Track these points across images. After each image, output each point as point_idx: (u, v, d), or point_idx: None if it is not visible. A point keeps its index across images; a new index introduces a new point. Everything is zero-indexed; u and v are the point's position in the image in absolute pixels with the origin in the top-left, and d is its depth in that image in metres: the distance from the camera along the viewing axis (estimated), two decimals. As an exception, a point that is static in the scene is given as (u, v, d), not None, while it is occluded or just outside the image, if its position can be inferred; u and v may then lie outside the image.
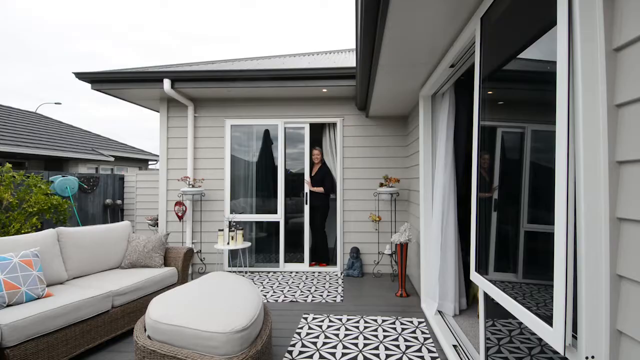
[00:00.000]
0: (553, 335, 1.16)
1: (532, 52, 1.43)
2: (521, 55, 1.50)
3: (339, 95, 5.05)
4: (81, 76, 4.69)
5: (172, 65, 5.52)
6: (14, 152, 8.58)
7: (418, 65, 2.95)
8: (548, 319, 1.20)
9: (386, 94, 3.87)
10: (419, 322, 3.22)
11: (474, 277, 1.93)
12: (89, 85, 4.77)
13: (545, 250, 1.24)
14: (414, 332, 3.03)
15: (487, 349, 1.98)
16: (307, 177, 5.22)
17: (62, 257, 3.10)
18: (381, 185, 4.74)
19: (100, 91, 4.82)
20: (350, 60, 5.39)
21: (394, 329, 3.09)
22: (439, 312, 3.27)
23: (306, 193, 5.20)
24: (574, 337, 1.11)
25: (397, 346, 2.76)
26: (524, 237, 1.51)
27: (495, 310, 1.90)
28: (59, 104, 18.88)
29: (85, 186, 6.64)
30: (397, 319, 3.31)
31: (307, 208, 5.18)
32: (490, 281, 1.71)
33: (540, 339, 1.34)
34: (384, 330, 3.05)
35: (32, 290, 2.52)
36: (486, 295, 1.92)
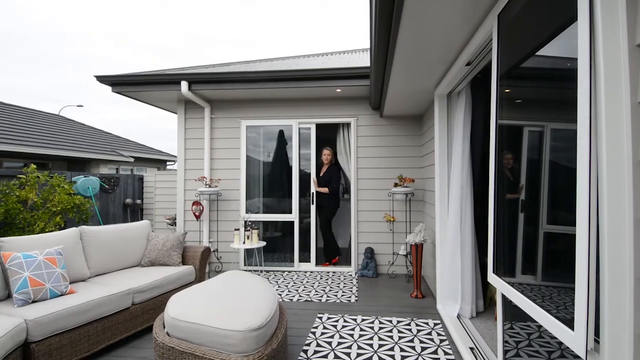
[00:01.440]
0: (574, 339, 1.13)
1: (552, 49, 1.40)
2: (540, 52, 1.47)
3: (353, 95, 5.04)
4: (102, 79, 4.84)
5: (188, 68, 5.62)
6: (38, 154, 8.91)
7: (433, 63, 2.92)
8: (569, 322, 1.17)
9: (401, 93, 3.84)
10: (435, 324, 3.18)
11: (492, 278, 1.90)
12: (109, 88, 4.91)
13: (566, 252, 1.21)
14: (429, 333, 3.00)
15: (505, 352, 1.94)
16: (313, 177, 5.23)
17: (84, 255, 3.20)
18: (395, 185, 4.71)
19: (121, 94, 4.96)
20: (364, 60, 5.37)
21: (409, 330, 3.07)
22: (455, 314, 3.22)
23: (312, 193, 5.21)
24: (596, 341, 1.08)
25: (413, 347, 2.74)
26: (543, 238, 1.48)
27: (513, 313, 1.86)
28: (81, 106, 19.45)
29: (106, 186, 6.83)
30: (412, 320, 3.28)
31: (312, 208, 5.20)
32: (508, 283, 1.68)
33: (560, 343, 1.31)
34: (399, 332, 3.03)
35: (56, 287, 2.61)
36: (504, 298, 1.89)
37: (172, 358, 2.01)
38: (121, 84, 4.87)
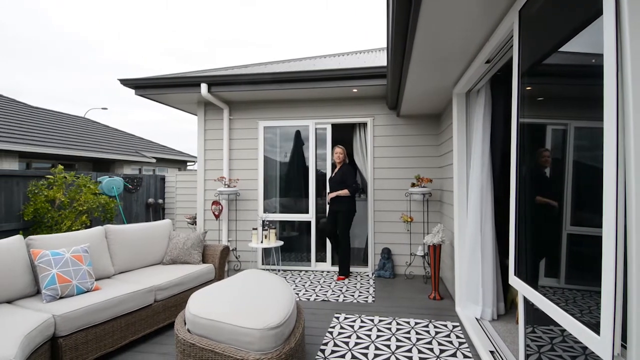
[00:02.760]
0: (600, 344, 1.10)
1: (575, 45, 1.35)
2: (563, 49, 1.43)
3: (370, 95, 5.02)
4: (126, 83, 5.00)
5: (208, 70, 5.73)
6: (65, 155, 9.29)
7: (452, 61, 2.87)
8: (594, 327, 1.13)
9: (418, 92, 3.80)
10: (454, 326, 3.14)
11: (513, 281, 1.86)
12: (131, 91, 5.06)
13: (592, 254, 1.17)
14: (448, 335, 2.95)
15: (527, 356, 1.90)
16: (328, 189, 4.93)
17: (109, 253, 3.31)
18: (413, 185, 4.66)
19: (144, 96, 5.11)
20: (380, 60, 5.33)
21: (427, 332, 3.03)
22: (475, 316, 3.16)
23: (328, 193, 5.14)
24: (623, 346, 1.05)
25: (431, 350, 2.71)
26: (567, 240, 1.44)
27: (535, 316, 1.82)
28: (105, 109, 20.17)
29: (129, 186, 7.04)
30: (430, 321, 3.24)
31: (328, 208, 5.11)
32: (530, 286, 1.64)
33: (585, 348, 1.27)
34: (417, 333, 3.00)
35: (82, 283, 2.70)
36: (526, 300, 1.84)
37: (193, 354, 2.06)
38: (144, 86, 5.02)
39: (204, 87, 4.76)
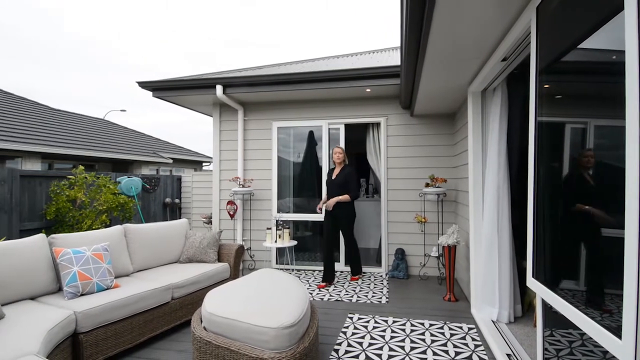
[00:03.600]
0: (622, 349, 1.07)
1: (595, 42, 1.32)
2: (582, 45, 1.40)
3: (383, 95, 4.99)
4: (144, 85, 5.12)
5: (223, 72, 5.81)
6: (85, 156, 9.58)
7: (467, 60, 2.83)
8: (615, 331, 1.11)
9: (432, 91, 3.76)
10: (469, 328, 3.09)
11: (531, 283, 1.83)
12: (149, 93, 5.18)
13: (612, 256, 1.14)
14: (463, 338, 2.91)
15: None
16: (324, 196, 4.71)
17: (128, 251, 3.39)
18: (427, 185, 4.61)
19: (161, 98, 5.22)
20: (393, 59, 5.30)
21: (442, 334, 3.00)
22: (491, 319, 3.11)
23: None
24: (647, 351, 1.02)
25: (446, 352, 2.68)
26: (587, 241, 1.40)
27: (554, 319, 1.78)
28: (124, 111, 20.71)
29: (147, 186, 7.20)
30: (445, 323, 3.21)
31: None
32: (548, 288, 1.61)
33: (605, 352, 1.24)
34: (432, 335, 2.97)
35: (102, 281, 2.77)
36: (544, 303, 1.80)
37: (209, 352, 2.10)
38: (161, 89, 5.12)
39: (219, 89, 4.83)
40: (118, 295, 2.65)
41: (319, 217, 5.15)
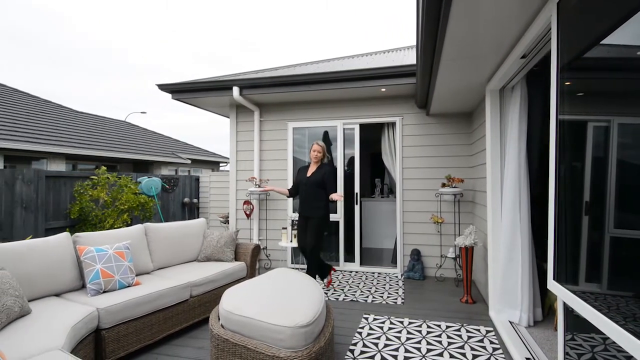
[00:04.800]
0: (647, 354, 1.04)
1: (618, 37, 1.28)
2: (605, 41, 1.36)
3: (398, 94, 4.95)
4: (163, 87, 5.24)
5: (239, 74, 5.89)
6: (108, 157, 9.88)
7: (485, 57, 2.78)
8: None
9: (449, 90, 3.71)
10: (487, 331, 3.04)
11: (552, 285, 1.79)
12: (168, 96, 5.30)
13: (637, 258, 1.11)
14: (481, 341, 2.86)
15: (566, 364, 1.81)
16: (339, 191, 4.84)
17: (148, 249, 3.48)
18: (443, 185, 4.55)
19: (180, 100, 5.34)
20: (409, 58, 5.25)
21: (459, 336, 2.95)
22: (510, 322, 3.05)
23: (356, 193, 5.15)
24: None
25: (464, 354, 2.64)
26: (609, 243, 1.36)
27: (575, 323, 1.73)
28: (144, 113, 21.26)
29: (167, 186, 7.37)
30: (462, 326, 3.16)
31: (356, 208, 5.14)
32: (570, 291, 1.57)
33: (629, 357, 1.20)
34: (449, 337, 2.93)
35: (124, 279, 2.85)
36: (565, 306, 1.76)
37: (226, 349, 2.13)
38: (180, 91, 5.24)
39: (235, 91, 4.90)
40: (139, 293, 2.72)
41: (335, 217, 5.16)
